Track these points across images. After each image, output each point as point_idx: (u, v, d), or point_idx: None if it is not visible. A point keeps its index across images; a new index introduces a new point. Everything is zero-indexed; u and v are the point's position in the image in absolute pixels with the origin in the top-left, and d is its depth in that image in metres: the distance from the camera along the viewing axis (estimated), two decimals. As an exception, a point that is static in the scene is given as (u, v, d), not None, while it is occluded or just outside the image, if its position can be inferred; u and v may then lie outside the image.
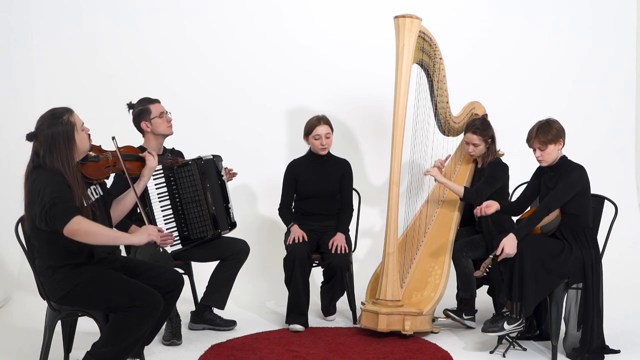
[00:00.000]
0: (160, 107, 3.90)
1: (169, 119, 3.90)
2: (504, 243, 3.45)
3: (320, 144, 4.20)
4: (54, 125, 2.88)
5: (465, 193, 4.06)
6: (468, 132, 4.13)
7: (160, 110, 3.88)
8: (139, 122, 3.85)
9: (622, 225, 4.24)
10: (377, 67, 5.08)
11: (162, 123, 3.86)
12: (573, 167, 3.54)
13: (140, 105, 3.87)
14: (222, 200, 4.06)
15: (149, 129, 3.85)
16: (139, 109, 3.86)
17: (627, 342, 3.73)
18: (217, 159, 4.09)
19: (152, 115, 3.84)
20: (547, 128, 3.53)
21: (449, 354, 3.59)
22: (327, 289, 4.24)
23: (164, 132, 3.88)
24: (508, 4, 5.44)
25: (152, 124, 3.84)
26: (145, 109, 3.84)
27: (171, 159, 3.73)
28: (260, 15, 5.27)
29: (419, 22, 3.86)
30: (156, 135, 3.87)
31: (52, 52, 5.10)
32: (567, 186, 3.48)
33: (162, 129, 3.86)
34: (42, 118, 2.93)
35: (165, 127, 3.87)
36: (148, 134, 3.87)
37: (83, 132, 2.97)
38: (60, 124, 2.89)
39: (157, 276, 3.13)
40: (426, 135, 4.22)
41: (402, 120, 3.88)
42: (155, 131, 3.85)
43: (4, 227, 3.83)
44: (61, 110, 2.94)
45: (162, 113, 3.87)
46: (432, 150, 4.31)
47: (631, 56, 5.57)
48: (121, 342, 2.92)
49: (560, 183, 3.49)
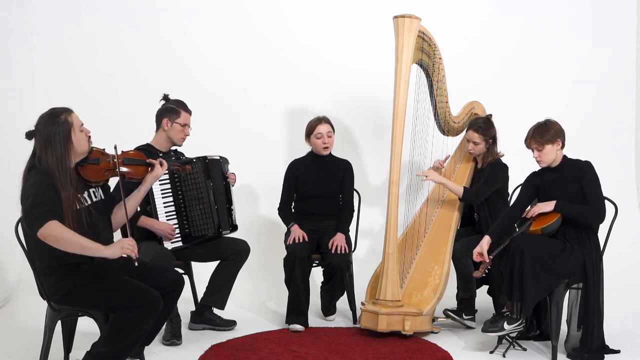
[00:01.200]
0: (189, 118, 3.95)
1: (187, 133, 3.95)
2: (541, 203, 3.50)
3: (322, 143, 4.20)
4: (50, 124, 2.89)
5: (465, 193, 4.06)
6: (470, 130, 4.14)
7: (187, 121, 3.93)
8: (162, 117, 3.88)
9: (622, 225, 4.24)
10: (377, 67, 5.08)
11: (180, 132, 3.90)
12: (581, 164, 3.54)
13: (174, 105, 3.91)
14: (225, 201, 4.07)
15: (167, 128, 3.88)
16: (170, 106, 3.90)
17: (627, 342, 3.73)
18: (223, 160, 4.11)
19: (178, 119, 3.88)
20: (544, 129, 3.53)
21: (449, 354, 3.59)
22: (327, 289, 4.24)
23: (176, 141, 3.93)
24: (508, 4, 5.44)
25: (172, 127, 3.87)
26: (176, 110, 3.89)
27: (179, 166, 3.70)
28: (260, 15, 5.27)
29: (419, 22, 3.86)
30: (168, 137, 3.91)
31: (52, 52, 5.10)
32: (594, 182, 3.49)
33: (177, 137, 3.91)
34: (41, 117, 2.94)
35: (180, 137, 3.92)
36: (162, 132, 3.90)
37: (82, 133, 2.96)
38: (58, 123, 2.89)
39: (157, 276, 3.13)
40: (426, 135, 4.22)
41: (401, 120, 3.88)
42: (169, 134, 3.89)
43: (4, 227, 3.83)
44: (60, 110, 2.94)
45: (186, 125, 3.92)
46: (431, 150, 4.31)
47: (631, 56, 5.57)
48: (121, 342, 2.92)
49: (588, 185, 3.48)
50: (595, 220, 3.50)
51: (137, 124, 4.38)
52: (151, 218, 3.77)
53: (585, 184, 3.48)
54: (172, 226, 3.80)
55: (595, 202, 3.46)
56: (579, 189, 3.51)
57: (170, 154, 3.96)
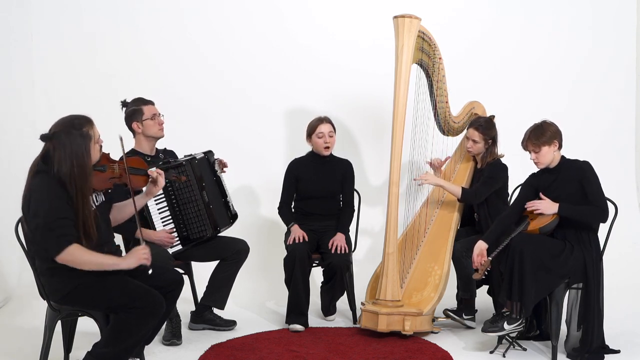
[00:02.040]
0: (154, 108, 3.85)
1: (161, 122, 3.86)
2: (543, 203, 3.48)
3: (324, 142, 4.20)
4: (73, 135, 2.82)
5: (463, 194, 4.07)
6: (471, 128, 4.15)
7: (153, 112, 3.83)
8: (131, 122, 3.82)
9: (622, 225, 4.24)
10: (377, 67, 5.08)
11: (153, 125, 3.82)
12: (580, 164, 3.54)
13: (133, 105, 3.82)
14: (220, 195, 4.05)
15: (140, 130, 3.82)
16: (131, 108, 3.82)
17: (627, 342, 3.73)
18: (209, 155, 4.06)
19: (144, 116, 3.80)
20: (540, 131, 3.53)
21: (449, 354, 3.59)
22: (327, 289, 4.24)
23: (155, 135, 3.85)
24: (508, 4, 5.44)
25: (143, 126, 3.80)
26: (138, 109, 3.80)
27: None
28: (260, 15, 5.27)
29: (419, 22, 3.86)
30: (147, 136, 3.84)
31: (52, 52, 5.10)
32: (595, 181, 3.48)
33: (153, 131, 3.82)
34: (61, 123, 2.86)
35: (157, 129, 3.84)
36: (139, 135, 3.85)
37: (97, 144, 2.94)
38: (81, 136, 2.84)
39: (157, 276, 3.12)
40: (426, 135, 4.22)
41: (401, 120, 3.88)
42: (145, 133, 3.82)
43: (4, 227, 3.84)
44: (82, 120, 2.88)
45: (155, 115, 3.83)
46: (431, 150, 4.31)
47: (631, 56, 5.57)
48: (122, 343, 2.92)
49: (588, 184, 3.47)
50: (600, 219, 3.49)
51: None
52: (147, 229, 3.72)
53: (586, 183, 3.48)
54: (170, 234, 3.78)
55: (598, 202, 3.45)
56: (578, 188, 3.50)
57: (159, 156, 3.93)
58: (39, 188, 2.80)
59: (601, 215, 3.46)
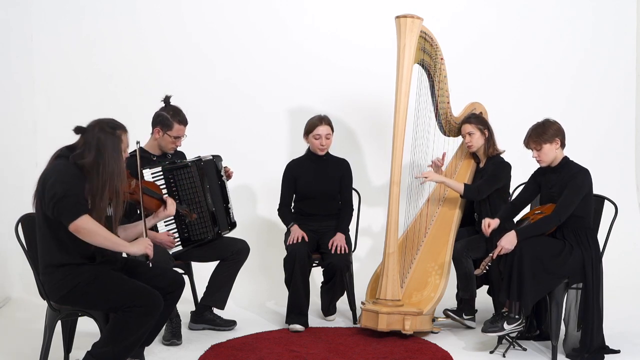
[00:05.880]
0: (183, 130, 3.89)
1: (178, 144, 3.92)
2: (503, 239, 3.47)
3: (319, 144, 4.20)
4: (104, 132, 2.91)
5: (466, 190, 4.07)
6: (464, 124, 4.18)
7: (179, 134, 3.88)
8: (156, 125, 3.87)
9: (622, 225, 4.24)
10: (378, 67, 5.08)
11: (170, 143, 3.88)
12: (577, 170, 3.54)
13: (170, 114, 3.84)
14: (222, 200, 4.07)
15: (158, 137, 3.87)
16: (165, 116, 3.84)
17: (627, 342, 3.73)
18: (217, 159, 4.10)
19: (170, 132, 3.85)
20: (542, 129, 3.54)
21: (449, 354, 3.59)
22: (327, 289, 4.24)
23: (166, 150, 3.92)
24: (508, 4, 5.44)
25: (162, 137, 3.86)
26: (170, 123, 3.83)
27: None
28: (260, 16, 5.26)
29: (420, 22, 3.86)
30: (158, 144, 3.91)
31: (52, 52, 5.10)
32: (574, 191, 3.47)
33: (167, 147, 3.90)
34: (98, 121, 2.96)
35: (170, 147, 3.91)
36: (154, 139, 3.91)
37: (124, 154, 3.00)
38: (114, 135, 2.93)
39: (157, 277, 3.14)
40: (427, 136, 4.22)
41: (402, 120, 3.88)
42: (159, 143, 3.89)
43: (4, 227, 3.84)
44: (120, 124, 2.99)
45: (179, 138, 3.89)
46: (432, 150, 4.31)
47: (631, 56, 5.57)
48: (121, 342, 2.92)
49: (567, 189, 3.48)
50: (554, 224, 3.50)
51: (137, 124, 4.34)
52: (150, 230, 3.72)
53: (567, 187, 3.48)
54: (171, 236, 3.77)
55: (557, 208, 3.47)
56: None
57: (166, 156, 3.95)
58: (59, 168, 2.89)
59: (556, 220, 3.48)
